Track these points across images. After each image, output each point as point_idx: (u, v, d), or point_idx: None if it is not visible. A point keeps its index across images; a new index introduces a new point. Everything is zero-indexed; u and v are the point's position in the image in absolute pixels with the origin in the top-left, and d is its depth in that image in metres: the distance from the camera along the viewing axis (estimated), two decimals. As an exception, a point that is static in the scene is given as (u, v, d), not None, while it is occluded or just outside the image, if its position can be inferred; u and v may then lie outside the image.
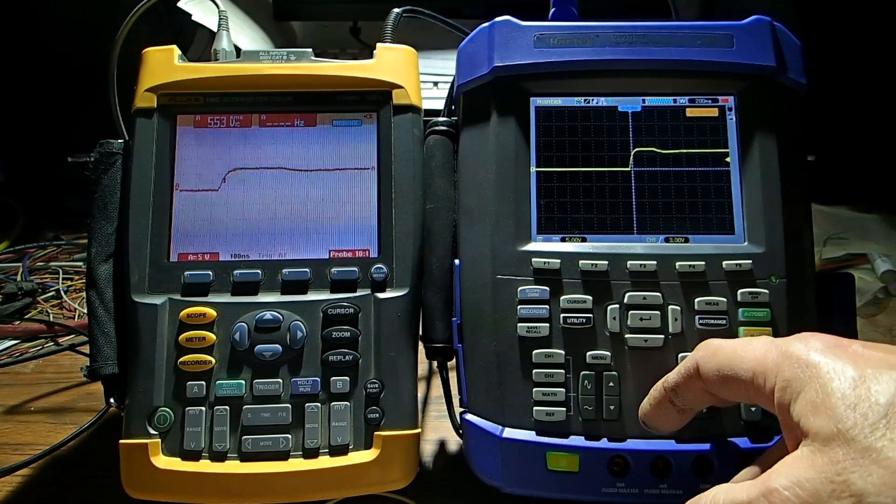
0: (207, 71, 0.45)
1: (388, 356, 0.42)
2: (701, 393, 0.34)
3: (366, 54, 0.48)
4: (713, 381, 0.33)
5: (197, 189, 0.44)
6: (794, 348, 0.30)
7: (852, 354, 0.28)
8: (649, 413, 0.38)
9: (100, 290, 0.43)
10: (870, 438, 0.25)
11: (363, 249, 0.44)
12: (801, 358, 0.29)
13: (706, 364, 0.33)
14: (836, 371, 0.27)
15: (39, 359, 0.60)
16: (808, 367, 0.28)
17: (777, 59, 0.43)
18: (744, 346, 0.32)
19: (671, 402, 0.36)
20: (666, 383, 0.36)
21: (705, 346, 0.34)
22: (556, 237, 0.43)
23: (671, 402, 0.36)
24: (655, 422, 0.37)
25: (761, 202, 0.42)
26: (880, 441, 0.25)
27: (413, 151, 0.45)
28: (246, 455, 0.40)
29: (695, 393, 0.35)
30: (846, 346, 0.29)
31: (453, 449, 0.48)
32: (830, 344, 0.29)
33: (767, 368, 0.30)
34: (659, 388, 0.37)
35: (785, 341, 0.31)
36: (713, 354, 0.33)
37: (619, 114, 0.45)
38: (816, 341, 0.30)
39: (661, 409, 0.37)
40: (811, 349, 0.29)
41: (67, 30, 0.86)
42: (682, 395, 0.35)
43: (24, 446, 0.49)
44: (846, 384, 0.27)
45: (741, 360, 0.32)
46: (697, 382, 0.34)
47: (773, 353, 0.30)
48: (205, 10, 0.79)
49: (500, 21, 0.45)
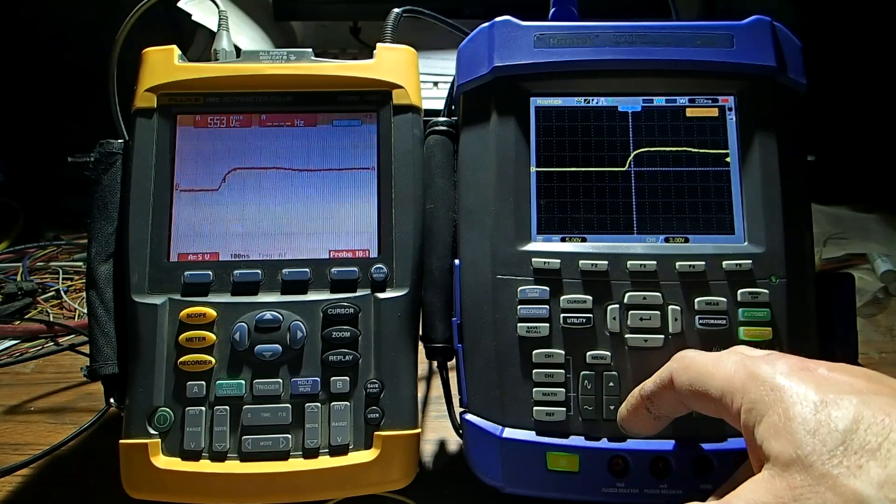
0: (207, 71, 0.45)
1: (388, 356, 0.42)
2: (675, 403, 0.35)
3: (366, 54, 0.48)
4: (685, 395, 0.33)
5: (197, 189, 0.44)
6: (761, 370, 0.30)
7: (817, 378, 0.28)
8: (626, 418, 0.38)
9: (100, 290, 0.43)
10: (827, 465, 0.25)
11: (363, 249, 0.44)
12: (766, 380, 0.29)
13: (679, 377, 0.34)
14: (799, 395, 0.28)
15: (39, 359, 0.60)
16: (773, 390, 0.28)
17: (777, 59, 0.43)
18: (715, 363, 0.32)
19: (647, 409, 0.37)
20: (642, 391, 0.37)
21: (680, 357, 0.35)
22: (556, 237, 0.43)
23: (647, 409, 0.37)
24: (632, 427, 0.38)
25: (761, 202, 0.42)
26: (837, 468, 0.25)
27: (413, 151, 0.45)
28: (246, 455, 0.40)
29: (669, 402, 0.35)
30: (812, 368, 0.29)
31: (453, 449, 0.48)
32: (796, 367, 0.29)
33: (735, 389, 0.30)
34: (636, 394, 0.37)
35: (754, 361, 0.31)
36: (686, 368, 0.34)
37: (619, 114, 0.45)
38: (783, 363, 0.30)
39: (638, 415, 0.37)
40: (777, 371, 0.29)
41: (67, 30, 0.86)
42: (657, 404, 0.36)
43: (24, 446, 0.49)
44: (808, 409, 0.27)
45: (711, 377, 0.32)
46: (671, 393, 0.34)
47: (741, 373, 0.30)
48: (205, 10, 0.79)
49: (500, 21, 0.45)
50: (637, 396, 0.37)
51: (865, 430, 0.25)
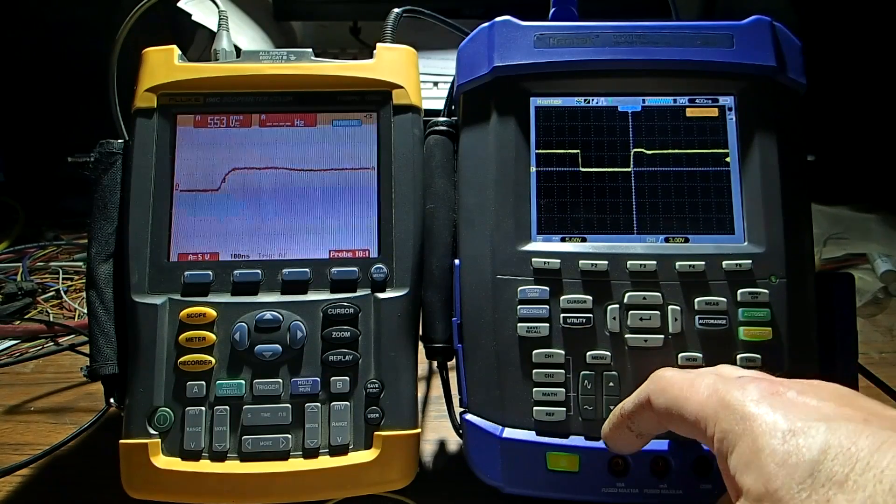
0: (207, 71, 0.45)
1: (388, 356, 0.42)
2: (654, 422, 0.35)
3: (366, 54, 0.48)
4: (663, 416, 0.33)
5: (197, 189, 0.44)
6: (732, 397, 0.29)
7: (786, 403, 0.28)
8: (609, 435, 0.38)
9: (100, 290, 0.43)
10: (796, 499, 0.25)
11: (363, 249, 0.44)
12: (736, 409, 0.29)
13: (656, 399, 0.34)
14: (768, 424, 0.27)
15: (39, 359, 0.60)
16: (743, 419, 0.28)
17: (777, 59, 0.43)
18: (689, 386, 0.32)
19: (628, 428, 0.37)
20: (623, 409, 0.37)
21: (656, 378, 0.35)
22: (556, 237, 0.43)
23: (628, 427, 0.36)
24: (615, 444, 0.38)
25: (761, 202, 0.42)
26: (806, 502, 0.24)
27: (413, 151, 0.45)
28: (246, 455, 0.40)
29: (648, 422, 0.35)
30: (782, 393, 0.29)
31: (453, 449, 0.48)
32: (766, 392, 0.29)
33: (707, 416, 0.30)
34: (617, 413, 0.37)
35: (726, 386, 0.30)
36: (662, 391, 0.34)
37: (619, 114, 0.45)
38: (754, 388, 0.29)
39: (620, 433, 0.37)
40: (747, 398, 0.29)
41: (67, 30, 0.86)
42: (636, 423, 0.36)
43: (24, 446, 0.49)
44: (776, 439, 0.26)
45: (686, 401, 0.32)
46: (650, 413, 0.34)
47: (713, 399, 0.30)
48: (205, 10, 0.79)
49: (500, 21, 0.45)
50: (618, 415, 0.37)
51: (832, 461, 0.25)
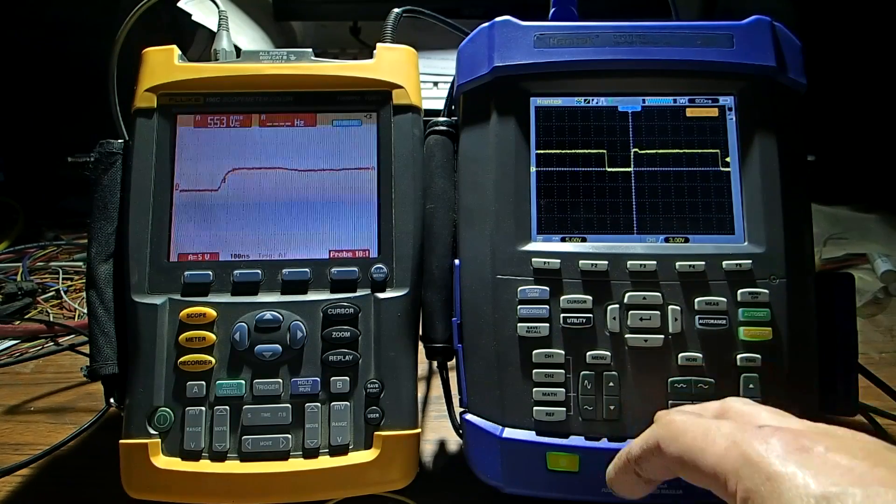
0: (207, 71, 0.45)
1: (388, 356, 0.42)
2: (663, 469, 0.33)
3: (366, 54, 0.48)
4: (675, 465, 0.31)
5: (197, 189, 0.44)
6: (755, 452, 0.27)
7: (815, 462, 0.26)
8: (614, 479, 0.36)
9: (100, 290, 0.43)
10: None
11: (363, 249, 0.44)
12: (761, 467, 0.27)
13: (667, 446, 0.32)
14: (799, 488, 0.25)
15: (39, 359, 0.60)
16: (769, 479, 0.26)
17: (777, 59, 0.43)
18: (704, 437, 0.30)
19: (636, 473, 0.35)
20: (629, 454, 0.35)
21: (666, 425, 0.32)
22: (556, 237, 0.43)
23: (635, 472, 0.35)
24: (621, 489, 0.36)
25: (761, 202, 0.42)
26: None
27: (413, 151, 0.45)
28: (246, 455, 0.40)
29: (657, 468, 0.33)
30: (809, 449, 0.27)
31: (453, 449, 0.48)
32: (792, 448, 0.27)
33: (728, 471, 0.28)
34: (623, 456, 0.35)
35: (746, 438, 0.28)
36: (673, 439, 0.31)
37: (619, 114, 0.45)
38: (778, 442, 0.27)
39: (626, 478, 0.35)
40: (772, 454, 0.27)
41: (67, 30, 0.87)
42: (645, 468, 0.34)
43: (24, 446, 0.49)
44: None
45: (703, 453, 0.30)
46: (660, 459, 0.32)
47: (733, 453, 0.28)
48: (205, 10, 0.79)
49: (500, 21, 0.45)
50: (624, 458, 0.35)
51: None
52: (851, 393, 0.42)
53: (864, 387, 0.44)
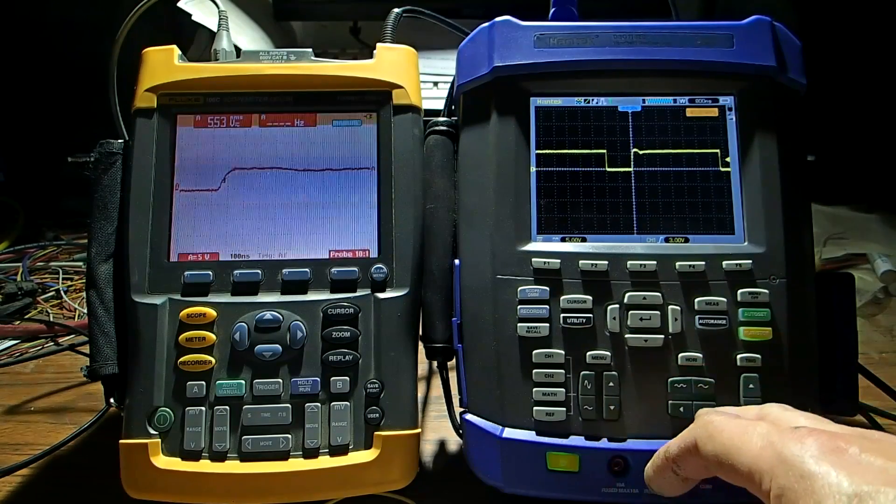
0: (207, 71, 0.45)
1: (388, 356, 0.42)
2: (701, 468, 0.34)
3: (366, 54, 0.48)
4: (712, 463, 0.32)
5: (197, 189, 0.44)
6: (790, 452, 0.28)
7: (849, 463, 0.27)
8: (653, 478, 0.37)
9: (100, 290, 0.43)
10: None
11: (363, 249, 0.44)
12: (796, 466, 0.27)
13: (704, 446, 0.32)
14: (832, 486, 0.26)
15: (39, 359, 0.60)
16: (804, 477, 0.27)
17: (777, 59, 0.43)
18: (741, 436, 0.31)
19: (674, 472, 0.35)
20: (668, 452, 0.36)
21: (704, 426, 0.33)
22: (556, 237, 0.43)
23: (674, 471, 0.35)
24: (660, 488, 0.37)
25: (761, 202, 0.42)
26: None
27: (413, 151, 0.45)
28: (246, 455, 0.40)
29: (695, 467, 0.34)
30: (844, 449, 0.27)
31: (453, 449, 0.48)
32: (827, 448, 0.28)
33: (763, 470, 0.29)
34: (661, 455, 0.36)
35: (783, 439, 0.29)
36: (710, 438, 0.32)
37: (619, 114, 0.45)
38: (813, 442, 0.28)
39: (665, 476, 0.36)
40: (806, 454, 0.28)
41: (67, 30, 0.87)
42: (683, 467, 0.35)
43: (24, 446, 0.49)
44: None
45: (738, 452, 0.30)
46: (697, 458, 0.33)
47: (768, 452, 0.29)
48: (205, 10, 0.79)
49: (500, 21, 0.45)
50: (662, 457, 0.36)
51: None
52: (851, 393, 0.42)
53: (864, 387, 0.44)
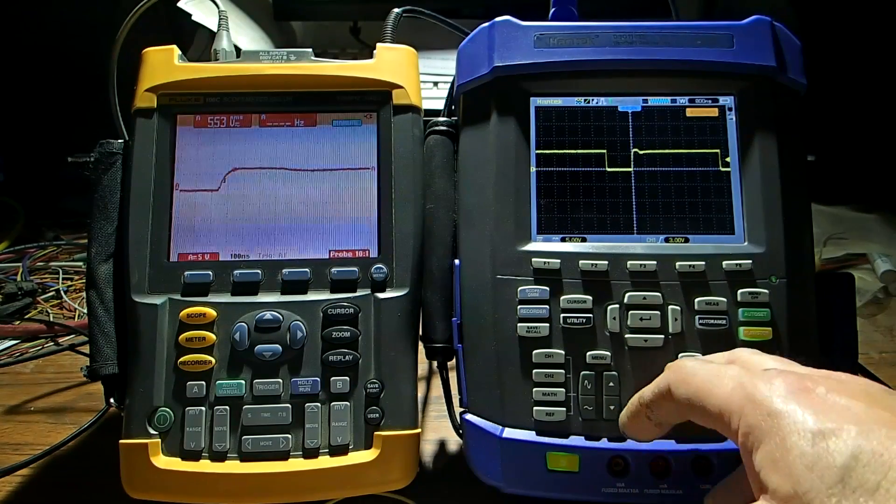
0: (207, 71, 0.45)
1: (388, 356, 0.42)
2: (674, 412, 0.34)
3: (366, 54, 0.48)
4: (684, 407, 0.33)
5: (197, 189, 0.44)
6: (759, 391, 0.29)
7: (815, 401, 0.27)
8: (628, 424, 0.38)
9: (100, 290, 0.43)
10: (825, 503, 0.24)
11: (363, 249, 0.44)
12: (763, 404, 0.28)
13: (677, 389, 0.33)
14: (797, 424, 0.27)
15: (39, 359, 0.60)
16: (770, 416, 0.28)
17: (777, 59, 0.43)
18: (712, 378, 0.32)
19: (647, 417, 0.36)
20: (642, 398, 0.36)
21: (677, 368, 0.34)
22: (556, 237, 0.43)
23: (647, 416, 0.36)
24: (634, 432, 0.38)
25: (761, 202, 0.42)
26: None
27: (413, 151, 0.45)
28: (246, 455, 0.40)
29: (668, 411, 0.35)
30: (810, 388, 0.28)
31: (453, 449, 0.48)
32: (794, 387, 0.28)
33: (732, 410, 0.30)
34: (636, 401, 0.37)
35: (752, 380, 0.30)
36: (683, 381, 0.33)
37: (619, 114, 0.45)
38: (781, 383, 0.29)
39: (638, 422, 0.37)
40: (774, 394, 0.28)
41: (67, 30, 0.87)
42: (656, 412, 0.36)
43: (24, 446, 0.49)
44: (805, 441, 0.26)
45: (709, 394, 0.31)
46: (670, 403, 0.34)
47: (738, 393, 0.30)
48: (205, 10, 0.79)
49: (500, 21, 0.45)
50: (637, 403, 0.37)
51: (864, 467, 0.24)
52: (851, 393, 0.42)
53: (864, 387, 0.44)
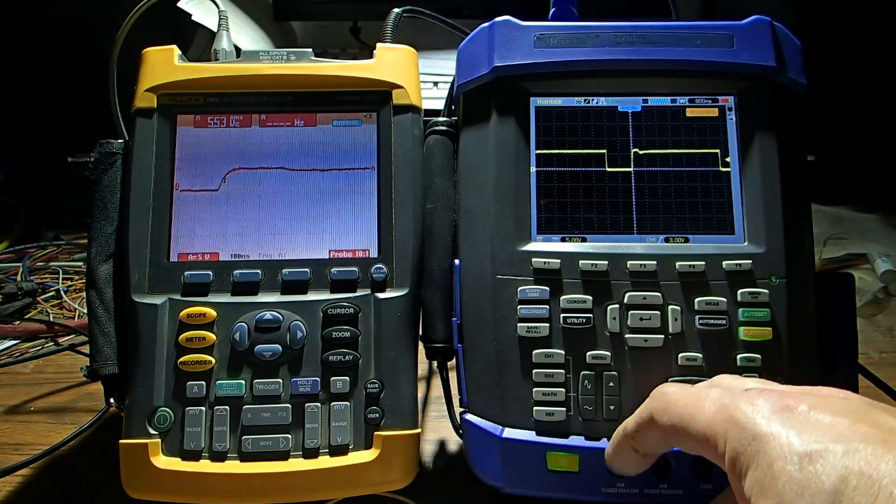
0: (207, 71, 0.45)
1: (388, 356, 0.42)
2: (659, 441, 0.34)
3: (366, 54, 0.48)
4: (669, 433, 0.33)
5: (197, 189, 0.44)
6: (741, 413, 0.29)
7: (799, 422, 0.27)
8: (613, 457, 0.38)
9: (100, 290, 0.43)
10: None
11: (363, 249, 0.44)
12: (747, 427, 0.28)
13: (660, 417, 0.33)
14: (783, 447, 0.26)
15: (39, 359, 0.60)
16: (756, 439, 0.27)
17: (777, 59, 0.43)
18: (695, 402, 0.31)
19: (633, 448, 0.36)
20: (626, 430, 0.36)
21: (658, 396, 0.34)
22: (556, 237, 0.43)
23: (632, 448, 0.36)
24: (620, 466, 0.38)
25: (761, 202, 0.42)
26: None
27: (413, 151, 0.45)
28: (246, 455, 0.40)
29: (653, 440, 0.34)
30: (793, 408, 0.28)
31: (453, 449, 0.48)
32: (777, 407, 0.28)
33: (717, 433, 0.29)
34: (619, 433, 0.37)
35: (734, 401, 0.30)
36: (665, 409, 0.33)
37: (619, 114, 0.45)
38: (764, 403, 0.29)
39: (624, 454, 0.37)
40: (757, 415, 0.28)
41: (67, 30, 0.87)
42: (641, 442, 0.35)
43: (24, 446, 0.49)
44: (792, 465, 0.26)
45: (692, 419, 0.31)
46: (655, 431, 0.34)
47: (721, 415, 0.29)
48: (205, 10, 0.79)
49: (500, 21, 0.45)
50: (621, 435, 0.36)
51: (853, 490, 0.24)
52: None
53: (864, 387, 0.44)
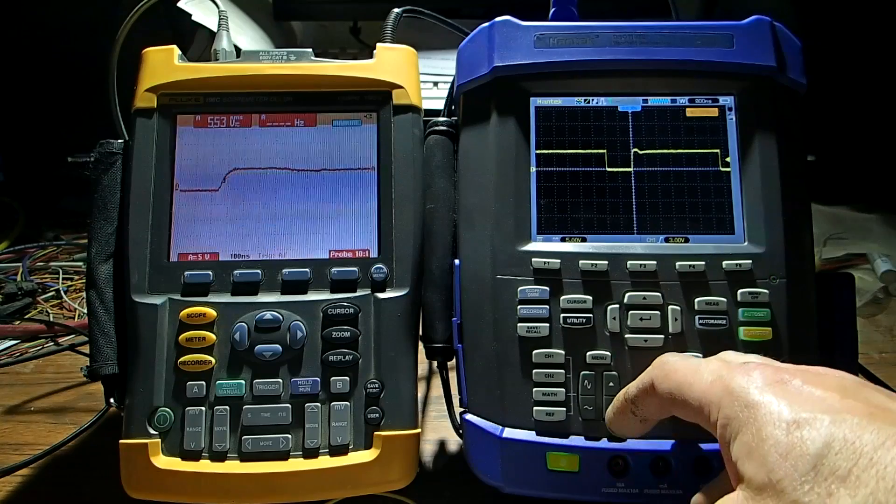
0: (207, 71, 0.45)
1: (388, 356, 0.42)
2: (658, 407, 0.35)
3: (366, 54, 0.48)
4: (667, 401, 0.34)
5: (197, 189, 0.44)
6: (736, 384, 0.30)
7: (790, 393, 0.28)
8: (613, 420, 0.39)
9: (100, 290, 0.43)
10: (798, 492, 0.25)
11: (363, 249, 0.44)
12: (740, 396, 0.29)
13: (660, 384, 0.34)
14: (772, 414, 0.27)
15: (39, 359, 0.60)
16: (747, 407, 0.28)
17: (777, 59, 0.43)
18: (693, 373, 0.33)
19: (632, 413, 0.37)
20: (626, 394, 0.37)
21: (661, 364, 0.35)
22: (555, 237, 0.43)
23: (632, 412, 0.37)
24: (619, 429, 0.39)
25: (761, 202, 0.42)
26: (807, 496, 0.24)
27: (413, 151, 0.45)
28: (246, 455, 0.40)
29: (652, 406, 0.36)
30: (787, 381, 0.29)
31: (453, 449, 0.48)
32: (771, 379, 0.29)
33: (711, 402, 0.30)
34: (621, 398, 0.38)
35: (731, 373, 0.31)
36: (666, 377, 0.34)
37: (619, 114, 0.45)
38: (759, 376, 0.30)
39: (624, 418, 0.38)
40: (751, 385, 0.29)
41: (67, 30, 0.87)
42: (640, 407, 0.36)
43: (24, 446, 0.49)
44: (780, 430, 0.27)
45: (690, 388, 0.32)
46: (654, 398, 0.35)
47: (717, 385, 0.30)
48: (205, 10, 0.79)
49: (500, 21, 0.45)
50: (622, 399, 0.38)
51: (836, 455, 0.25)
52: (851, 393, 0.42)
53: (864, 387, 0.44)
